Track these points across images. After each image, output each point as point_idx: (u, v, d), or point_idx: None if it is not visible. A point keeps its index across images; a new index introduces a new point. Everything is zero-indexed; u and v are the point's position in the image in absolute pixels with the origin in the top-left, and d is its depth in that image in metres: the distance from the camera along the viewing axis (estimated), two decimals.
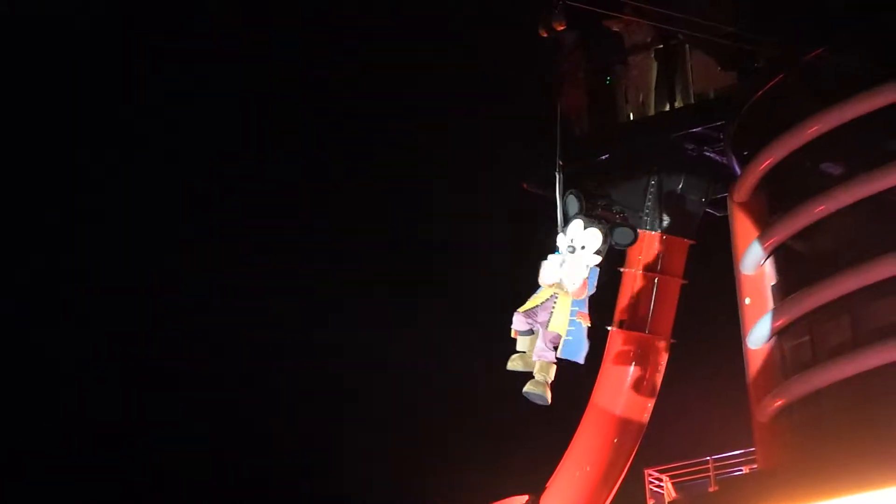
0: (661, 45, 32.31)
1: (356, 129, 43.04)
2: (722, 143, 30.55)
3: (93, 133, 43.49)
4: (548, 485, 32.29)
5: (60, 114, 42.88)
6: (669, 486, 31.70)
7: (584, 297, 17.77)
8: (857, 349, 27.38)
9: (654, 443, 32.32)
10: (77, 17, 41.04)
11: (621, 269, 32.44)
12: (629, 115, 32.57)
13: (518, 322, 18.12)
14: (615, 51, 32.89)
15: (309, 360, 41.68)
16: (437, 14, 37.34)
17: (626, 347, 32.06)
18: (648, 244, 32.24)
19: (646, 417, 31.92)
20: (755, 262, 29.62)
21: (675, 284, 32.12)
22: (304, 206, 43.42)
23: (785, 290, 29.14)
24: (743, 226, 29.92)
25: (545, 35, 30.00)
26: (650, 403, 31.88)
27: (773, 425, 29.36)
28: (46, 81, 42.86)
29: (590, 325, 17.78)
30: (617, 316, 32.30)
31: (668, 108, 32.03)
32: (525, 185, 33.51)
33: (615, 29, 32.74)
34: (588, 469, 31.85)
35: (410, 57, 40.02)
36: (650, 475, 32.32)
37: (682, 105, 31.86)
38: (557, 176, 18.26)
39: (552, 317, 17.72)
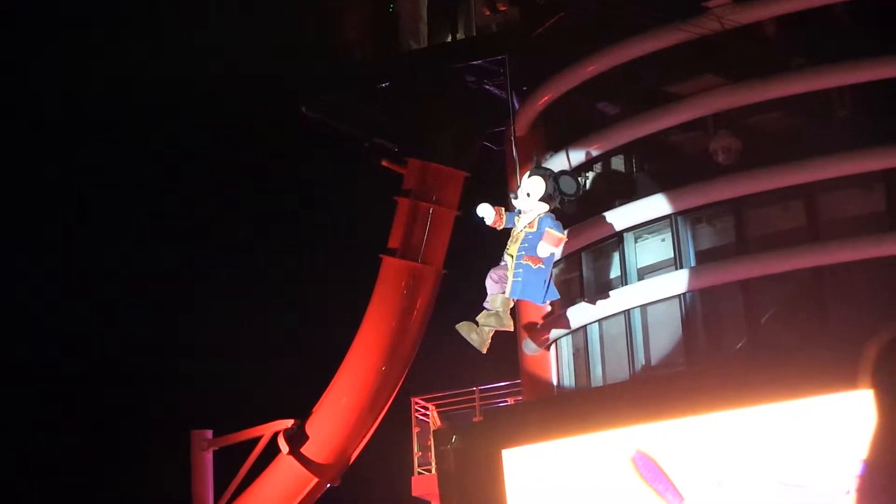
0: None
1: None
2: (502, 78, 30.72)
3: None
4: (314, 410, 32.32)
5: None
6: (435, 414, 32.06)
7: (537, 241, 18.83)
8: (626, 287, 28.09)
9: (422, 372, 32.57)
10: None
11: (396, 198, 32.53)
12: (411, 45, 32.44)
13: (490, 283, 19.36)
14: None
15: None
16: None
17: (397, 275, 32.15)
18: (424, 174, 32.31)
19: (415, 346, 32.16)
20: None
21: (449, 216, 32.30)
22: None
23: None
24: (519, 161, 30.22)
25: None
26: (419, 332, 32.11)
27: (539, 358, 29.99)
28: None
29: (541, 266, 18.84)
30: (390, 243, 32.37)
31: (450, 39, 32.05)
32: (304, 111, 33.29)
33: None
34: (355, 395, 31.90)
35: None
36: (417, 403, 32.65)
37: (463, 37, 31.93)
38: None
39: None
